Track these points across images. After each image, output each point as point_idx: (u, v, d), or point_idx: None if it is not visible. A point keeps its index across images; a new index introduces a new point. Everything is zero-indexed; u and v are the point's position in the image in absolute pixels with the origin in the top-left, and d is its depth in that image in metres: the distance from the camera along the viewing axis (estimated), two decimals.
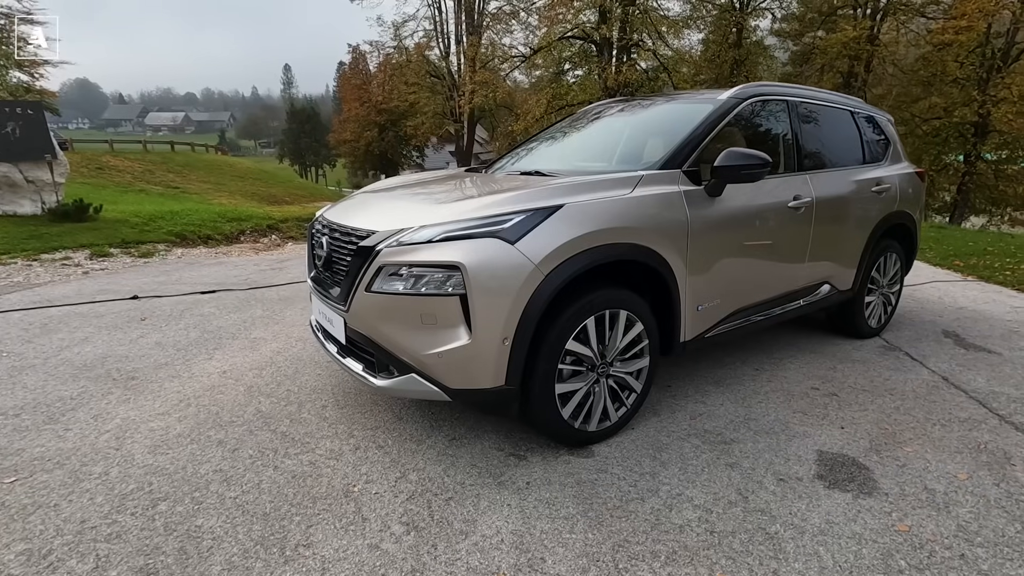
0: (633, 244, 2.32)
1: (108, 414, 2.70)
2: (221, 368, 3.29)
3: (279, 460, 2.31)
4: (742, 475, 2.24)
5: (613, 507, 2.03)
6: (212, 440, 2.47)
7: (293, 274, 5.88)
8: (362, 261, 2.17)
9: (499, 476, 2.22)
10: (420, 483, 2.17)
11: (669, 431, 2.59)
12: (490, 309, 2.03)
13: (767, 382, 3.18)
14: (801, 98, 3.31)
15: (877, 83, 25.99)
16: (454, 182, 2.94)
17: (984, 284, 5.81)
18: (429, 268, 2.04)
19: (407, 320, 2.10)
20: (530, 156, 3.41)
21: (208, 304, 4.65)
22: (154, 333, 3.89)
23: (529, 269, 2.05)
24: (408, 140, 40.16)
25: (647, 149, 2.89)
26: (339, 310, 2.35)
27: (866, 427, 2.66)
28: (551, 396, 2.23)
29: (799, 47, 27.72)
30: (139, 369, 3.26)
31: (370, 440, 2.49)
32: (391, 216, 2.31)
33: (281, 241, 8.75)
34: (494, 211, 2.11)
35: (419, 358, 2.10)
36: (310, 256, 2.79)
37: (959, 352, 3.69)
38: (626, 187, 2.38)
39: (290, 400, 2.88)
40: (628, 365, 2.47)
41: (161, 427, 2.58)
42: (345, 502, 2.04)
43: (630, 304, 2.38)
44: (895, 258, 3.94)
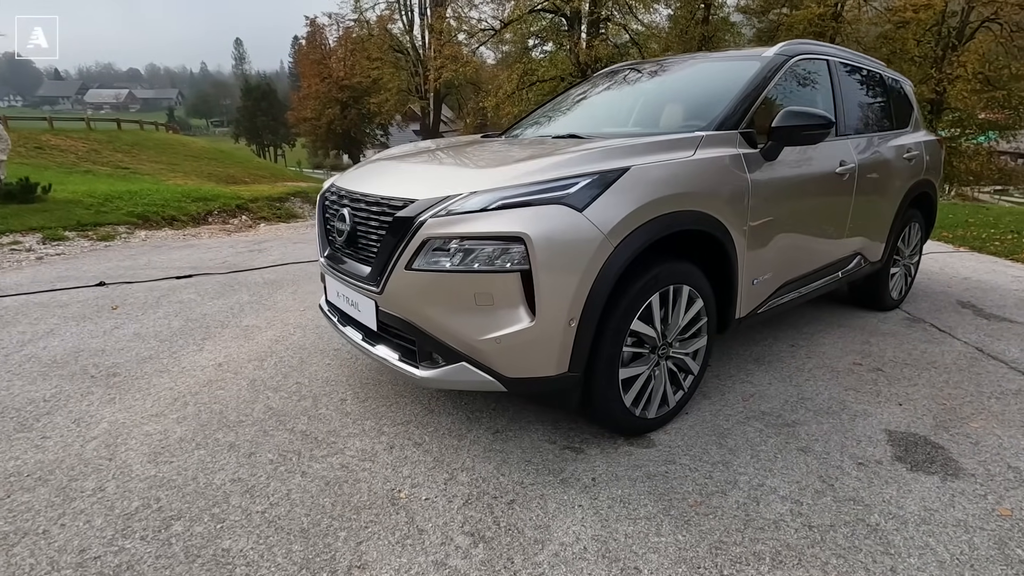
0: (698, 212, 2.10)
1: (92, 417, 2.34)
2: (215, 360, 2.94)
3: (305, 464, 2.02)
4: (818, 460, 2.08)
5: (695, 503, 1.83)
6: (222, 444, 2.15)
7: (275, 256, 5.46)
8: (401, 235, 1.87)
9: (559, 473, 1.99)
10: (473, 484, 1.92)
11: (725, 414, 2.41)
12: (556, 286, 1.77)
13: (807, 358, 3.04)
14: (839, 58, 3.12)
15: None
16: (484, 146, 2.64)
17: (977, 255, 5.88)
18: (486, 241, 1.76)
19: (458, 301, 1.82)
20: (555, 121, 3.13)
21: (186, 290, 4.23)
22: (130, 323, 3.48)
23: (599, 240, 1.80)
24: (372, 118, 38.91)
25: (690, 111, 2.65)
26: (369, 292, 2.05)
27: (924, 403, 2.54)
28: (615, 382, 2.00)
29: (764, 24, 27.91)
30: (120, 364, 2.88)
31: (404, 436, 2.22)
32: (429, 182, 2.02)
33: (253, 222, 8.23)
34: (556, 174, 1.84)
35: (472, 344, 1.84)
36: (322, 232, 2.46)
37: (982, 323, 3.64)
38: (687, 149, 2.14)
39: (302, 394, 2.57)
40: (687, 345, 2.26)
41: (158, 431, 2.24)
42: (393, 511, 1.78)
43: (692, 278, 2.16)
44: (917, 228, 3.85)
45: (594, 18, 22.43)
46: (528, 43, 23.78)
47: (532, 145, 2.45)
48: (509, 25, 21.36)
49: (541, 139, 2.73)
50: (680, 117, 2.64)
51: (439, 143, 2.99)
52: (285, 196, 9.59)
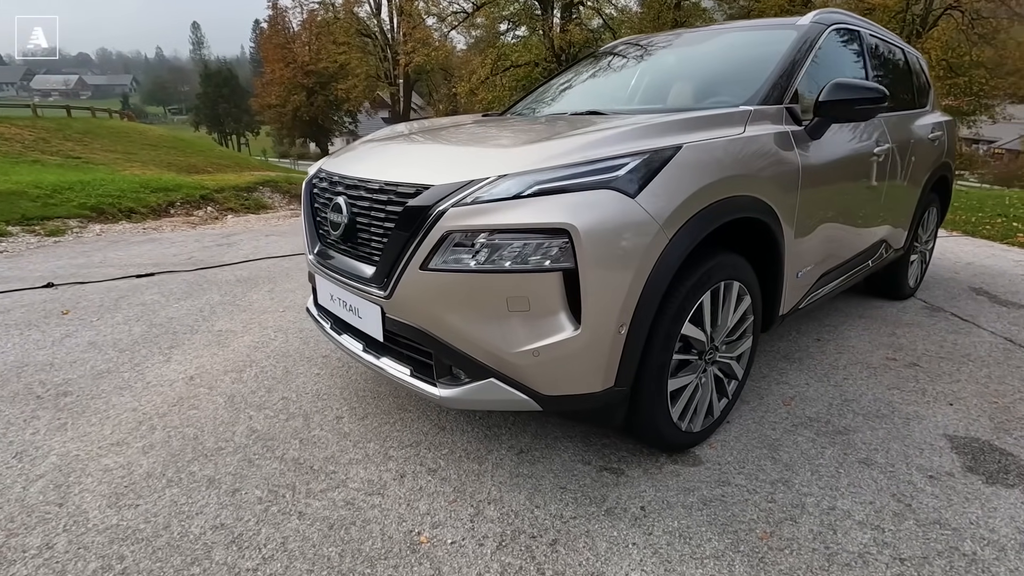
0: (751, 197, 1.83)
1: (38, 449, 1.96)
2: (185, 373, 2.57)
3: (302, 503, 1.70)
4: (885, 475, 1.86)
5: (764, 534, 1.58)
6: (198, 479, 1.81)
7: (246, 250, 5.03)
8: (415, 228, 1.55)
9: (602, 501, 1.72)
10: (505, 521, 1.63)
11: (770, 422, 2.18)
12: (606, 287, 1.49)
13: (837, 354, 2.84)
14: (869, 31, 2.89)
15: None
16: (496, 124, 2.33)
17: (972, 239, 5.83)
18: (522, 234, 1.46)
19: (486, 307, 1.52)
20: (566, 97, 2.82)
21: (148, 290, 3.80)
22: (84, 330, 3.06)
23: (655, 231, 1.52)
24: (340, 105, 37.75)
25: (724, 84, 2.38)
26: (373, 296, 1.72)
27: (974, 402, 2.35)
28: (664, 395, 1.74)
29: (735, 10, 28.01)
30: (72, 381, 2.48)
31: (415, 462, 1.91)
32: (446, 164, 1.70)
33: (219, 213, 7.69)
34: (600, 153, 1.54)
35: (503, 357, 1.54)
36: (311, 225, 2.12)
37: (1001, 310, 3.51)
38: (736, 125, 1.87)
39: (290, 412, 2.23)
40: (733, 348, 2.01)
41: (120, 464, 1.88)
42: (415, 561, 1.48)
43: (742, 273, 1.90)
44: (934, 213, 3.69)
45: (568, 2, 22.06)
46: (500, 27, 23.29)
47: (555, 122, 2.14)
48: (482, 8, 20.81)
49: (556, 116, 2.42)
50: (713, 91, 2.37)
51: (438, 122, 2.66)
52: (253, 185, 9.04)
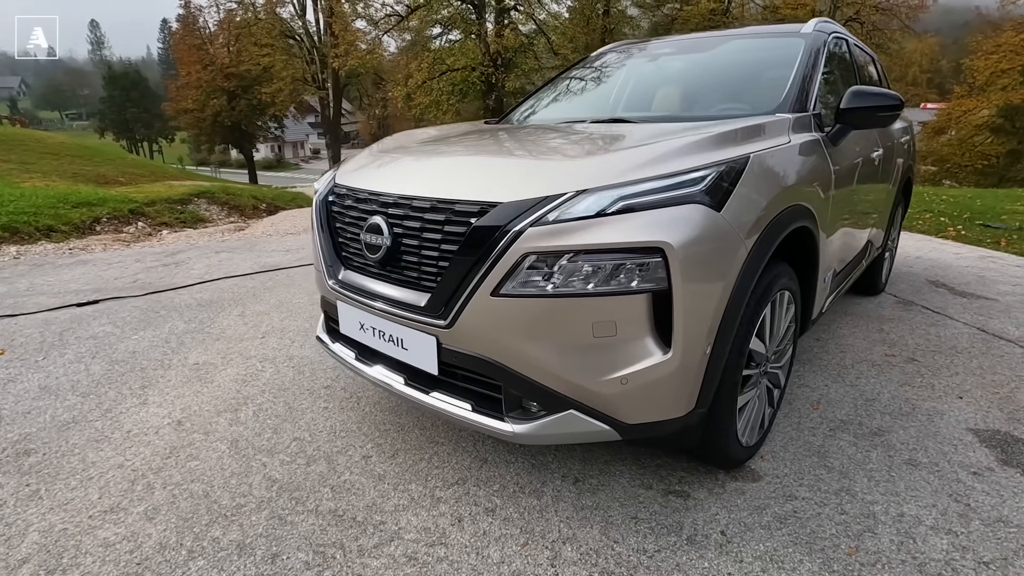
0: (802, 206, 1.82)
1: (10, 527, 1.64)
2: (170, 417, 2.26)
3: (358, 563, 1.50)
4: (934, 475, 1.89)
5: (850, 550, 1.55)
6: (225, 546, 1.57)
7: (198, 270, 4.60)
8: (484, 250, 1.41)
9: (680, 529, 1.63)
10: (588, 561, 1.51)
11: (808, 428, 2.18)
12: (698, 307, 1.41)
13: (840, 353, 2.92)
14: (852, 39, 3.00)
15: None
16: (528, 132, 2.19)
17: (910, 234, 6.27)
18: (610, 254, 1.35)
19: (569, 333, 1.40)
20: (578, 103, 2.74)
21: (96, 320, 3.37)
22: (30, 372, 2.65)
23: (740, 247, 1.46)
24: (265, 109, 35.94)
25: (745, 90, 2.37)
26: (426, 326, 1.55)
27: (979, 393, 2.47)
28: (735, 412, 1.68)
29: (658, 18, 29.20)
30: (31, 436, 2.12)
31: (468, 502, 1.76)
32: (507, 179, 1.55)
33: (152, 229, 7.04)
34: (678, 165, 1.46)
35: (588, 387, 1.42)
36: (330, 247, 1.90)
37: (963, 301, 3.76)
38: (782, 134, 1.86)
39: (309, 455, 2.01)
40: (780, 358, 2.00)
41: (122, 536, 1.60)
42: None
43: (790, 282, 1.89)
44: (901, 211, 3.91)
45: (502, 7, 22.10)
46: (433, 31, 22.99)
47: (592, 131, 2.04)
48: (416, 12, 20.44)
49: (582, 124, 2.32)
50: (735, 98, 2.36)
51: (456, 129, 2.49)
52: (187, 197, 8.34)
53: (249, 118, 37.25)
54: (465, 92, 22.94)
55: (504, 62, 21.69)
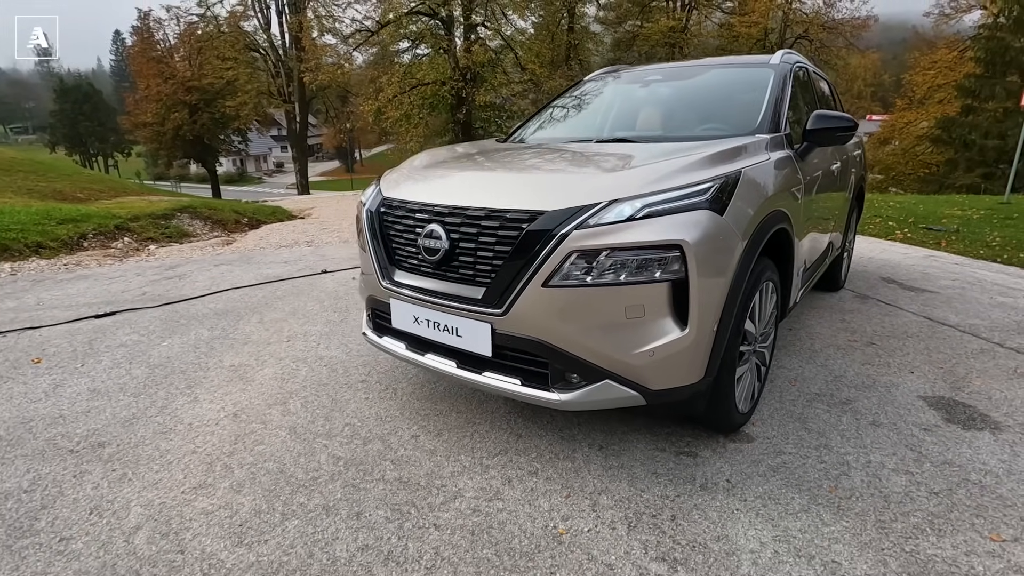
0: (779, 211, 2.20)
1: (112, 503, 1.85)
2: (225, 410, 2.48)
3: (431, 516, 1.78)
4: (893, 432, 2.28)
5: (831, 488, 1.91)
6: (311, 509, 1.82)
7: (202, 282, 4.75)
8: (535, 249, 1.72)
9: (693, 480, 1.97)
10: (622, 507, 1.83)
11: (789, 400, 2.56)
12: (708, 292, 1.75)
13: (810, 339, 3.33)
14: (811, 66, 3.45)
15: None
16: (545, 151, 2.52)
17: (863, 236, 6.85)
18: (639, 251, 1.68)
19: (605, 316, 1.72)
20: (580, 123, 3.10)
21: (119, 330, 3.52)
22: (74, 378, 2.81)
23: (738, 243, 1.81)
24: (228, 123, 35.43)
25: (727, 115, 2.75)
26: (481, 315, 1.85)
27: (927, 369, 2.90)
28: (732, 382, 2.03)
29: (620, 33, 30.22)
30: (99, 431, 2.31)
31: (513, 467, 2.05)
32: (548, 191, 1.87)
33: (139, 244, 7.08)
34: (688, 179, 1.81)
35: (621, 359, 1.75)
36: (382, 252, 2.18)
37: (911, 294, 4.27)
38: (763, 152, 2.24)
39: (363, 437, 2.26)
40: (765, 339, 2.37)
41: (218, 505, 1.83)
42: (567, 550, 1.63)
43: (772, 274, 2.26)
44: (856, 215, 4.40)
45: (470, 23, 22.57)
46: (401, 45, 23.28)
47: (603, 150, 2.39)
48: (385, 27, 20.70)
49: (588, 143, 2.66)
50: (718, 120, 2.74)
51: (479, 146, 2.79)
52: (170, 212, 8.35)
53: (212, 132, 36.59)
54: (435, 106, 23.26)
55: (473, 77, 22.11)
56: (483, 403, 2.54)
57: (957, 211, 8.38)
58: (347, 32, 22.90)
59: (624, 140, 2.56)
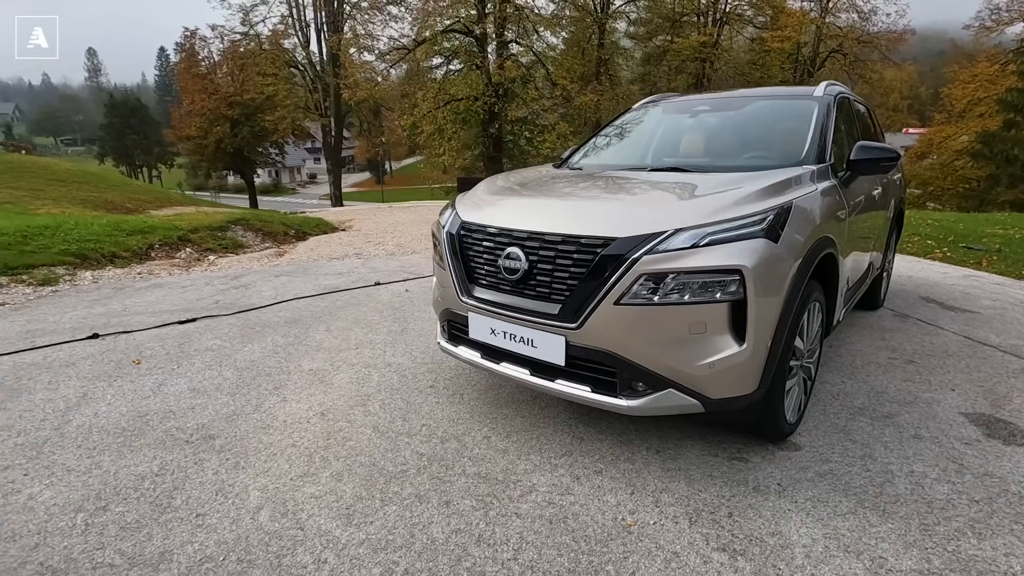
0: (827, 237, 2.38)
1: (232, 487, 2.13)
2: (313, 410, 2.76)
3: (512, 506, 2.01)
4: (935, 444, 2.42)
5: (876, 494, 2.08)
6: (406, 496, 2.07)
7: (268, 292, 5.10)
8: (608, 273, 1.95)
9: (746, 483, 2.15)
10: (683, 504, 2.03)
11: (833, 413, 2.72)
12: (764, 312, 1.96)
13: (851, 356, 3.47)
14: (852, 96, 3.62)
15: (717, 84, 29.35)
16: (608, 180, 2.76)
17: (901, 256, 6.87)
18: (703, 274, 1.90)
19: (670, 332, 1.94)
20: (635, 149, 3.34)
21: (202, 335, 3.86)
22: (174, 379, 3.13)
23: (792, 268, 2.01)
24: (267, 136, 36.72)
25: (775, 145, 2.94)
26: (556, 328, 2.09)
27: (968, 387, 3.02)
28: (782, 394, 2.22)
29: (650, 49, 30.42)
30: (207, 425, 2.61)
31: (578, 467, 2.27)
32: (618, 219, 2.10)
33: (199, 254, 7.54)
34: (747, 210, 2.02)
35: (685, 371, 1.96)
36: (462, 271, 2.43)
37: (951, 314, 4.35)
38: (810, 183, 2.43)
39: (441, 436, 2.51)
40: (812, 354, 2.54)
41: (324, 492, 2.09)
42: (636, 539, 1.84)
43: (819, 294, 2.44)
44: (895, 236, 4.51)
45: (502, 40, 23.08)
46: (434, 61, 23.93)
47: (659, 180, 2.61)
48: (422, 45, 21.34)
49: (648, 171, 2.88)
50: (767, 150, 2.94)
51: (537, 175, 3.05)
52: (225, 224, 8.85)
53: (251, 145, 37.97)
54: (467, 120, 23.81)
55: (505, 92, 22.56)
56: (544, 408, 2.76)
57: (999, 230, 8.31)
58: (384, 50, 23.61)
59: (678, 169, 2.78)
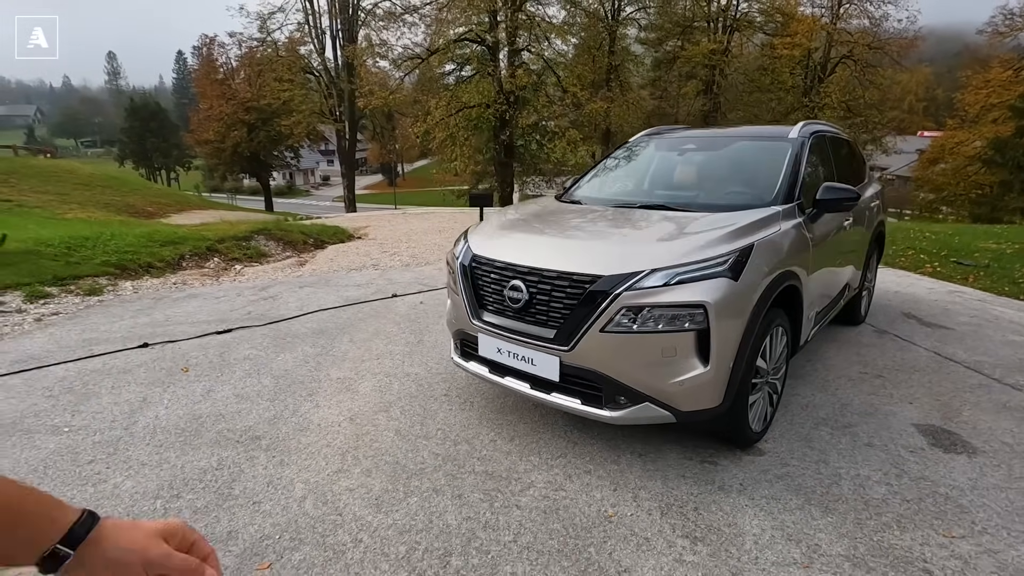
0: (789, 271, 2.75)
1: (280, 480, 2.55)
2: (342, 415, 3.18)
3: (513, 499, 2.41)
4: (883, 452, 2.78)
5: (823, 493, 2.45)
6: (424, 490, 2.47)
7: (293, 303, 5.54)
8: (595, 303, 2.35)
9: (713, 482, 2.53)
10: (657, 499, 2.41)
11: (799, 423, 3.08)
12: (725, 339, 2.33)
13: (825, 370, 3.82)
14: (830, 132, 3.98)
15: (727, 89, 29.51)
16: (598, 216, 3.15)
17: (893, 270, 7.20)
18: (675, 308, 2.28)
19: (646, 355, 2.33)
20: (625, 186, 3.73)
21: (239, 345, 4.30)
22: (220, 385, 3.57)
23: (752, 302, 2.39)
24: (282, 140, 37.52)
25: (750, 185, 3.32)
26: (552, 350, 2.48)
27: (926, 400, 3.37)
28: (746, 407, 2.59)
29: (660, 54, 30.68)
30: (253, 427, 3.03)
31: (572, 467, 2.66)
32: (602, 258, 2.49)
33: (226, 264, 8.03)
34: (713, 253, 2.41)
35: (658, 387, 2.34)
36: (472, 298, 2.83)
37: (927, 330, 4.67)
38: (775, 223, 2.80)
39: (453, 439, 2.91)
40: (777, 372, 2.91)
41: (357, 485, 2.51)
42: (613, 527, 2.23)
43: (782, 320, 2.81)
44: (876, 258, 4.85)
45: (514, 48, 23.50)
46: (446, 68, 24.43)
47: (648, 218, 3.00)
48: (435, 54, 21.83)
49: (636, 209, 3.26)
50: (743, 189, 3.31)
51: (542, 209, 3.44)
52: (248, 235, 9.34)
53: (267, 148, 38.81)
54: (479, 127, 24.29)
55: (516, 99, 22.98)
56: (544, 417, 3.16)
57: (992, 244, 8.55)
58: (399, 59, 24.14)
59: (664, 207, 3.16)
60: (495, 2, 21.86)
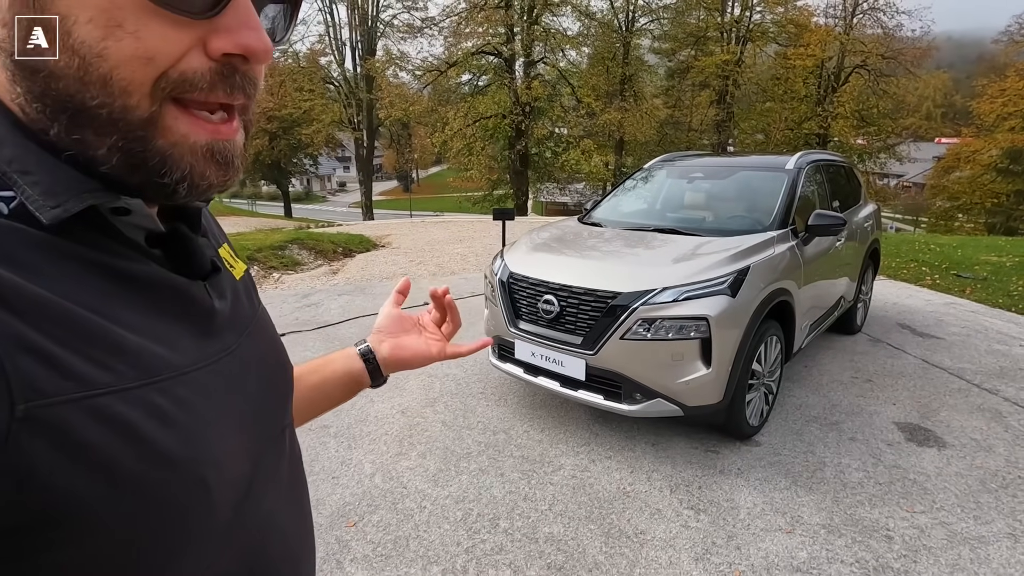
0: (781, 288, 3.22)
1: (350, 461, 3.05)
2: (395, 409, 3.68)
3: (546, 477, 2.89)
4: (864, 444, 3.23)
5: (809, 477, 2.90)
6: (473, 469, 2.96)
7: (335, 309, 6.08)
8: (616, 317, 2.83)
9: (715, 467, 3.00)
10: (667, 480, 2.88)
11: (792, 420, 3.53)
12: (725, 346, 2.81)
13: (820, 375, 4.26)
14: (827, 159, 4.43)
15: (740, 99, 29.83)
16: (616, 238, 3.65)
17: (893, 281, 7.58)
18: (681, 320, 2.76)
19: (659, 358, 2.80)
20: (642, 208, 4.23)
21: (295, 347, 4.83)
22: None
23: (746, 315, 2.86)
24: (302, 148, 38.50)
25: (750, 212, 3.80)
26: (579, 354, 2.97)
27: (908, 402, 3.79)
28: (743, 404, 3.06)
29: (673, 63, 31.08)
30: (322, 419, 3.52)
31: (596, 453, 3.14)
32: (621, 277, 2.98)
33: (265, 272, 8.61)
34: (715, 274, 2.89)
35: (668, 386, 2.82)
36: (509, 308, 3.33)
37: (919, 340, 5.08)
38: (770, 247, 3.27)
39: (492, 430, 3.41)
40: (772, 375, 3.37)
41: (416, 465, 3.01)
42: (631, 500, 2.70)
43: (776, 330, 3.27)
44: (871, 272, 5.27)
45: (529, 60, 24.11)
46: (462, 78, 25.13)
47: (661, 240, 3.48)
48: (454, 66, 22.49)
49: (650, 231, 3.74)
50: (743, 214, 3.78)
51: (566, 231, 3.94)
52: (283, 244, 9.96)
53: (288, 156, 39.84)
54: (495, 137, 24.92)
55: (532, 110, 23.57)
56: (569, 412, 3.64)
57: (994, 257, 8.88)
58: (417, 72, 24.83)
59: (674, 231, 3.64)
60: (512, 15, 22.51)
